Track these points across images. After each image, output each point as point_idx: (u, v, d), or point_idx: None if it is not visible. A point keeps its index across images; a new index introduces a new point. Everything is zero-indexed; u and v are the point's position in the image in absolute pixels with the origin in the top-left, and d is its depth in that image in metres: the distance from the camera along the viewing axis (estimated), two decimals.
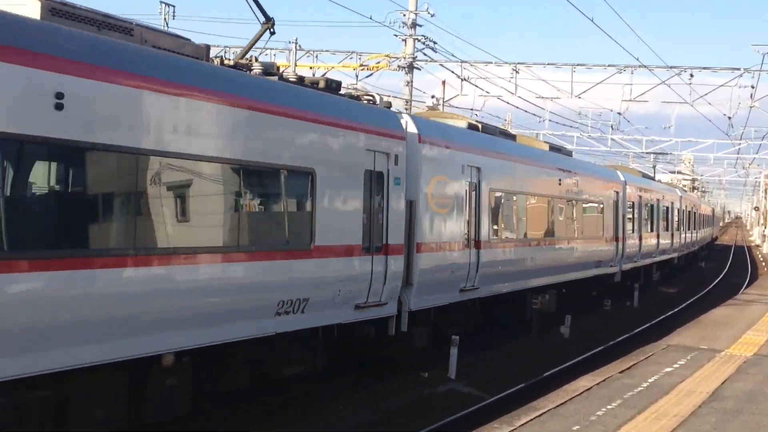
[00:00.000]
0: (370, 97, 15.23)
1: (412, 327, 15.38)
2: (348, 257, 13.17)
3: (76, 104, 8.66)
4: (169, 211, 10.00)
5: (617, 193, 28.99)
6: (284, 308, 11.78)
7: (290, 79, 13.20)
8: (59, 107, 8.50)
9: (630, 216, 30.95)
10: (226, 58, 12.60)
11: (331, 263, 12.77)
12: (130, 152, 9.32)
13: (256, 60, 12.91)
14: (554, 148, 25.13)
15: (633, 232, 31.38)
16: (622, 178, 30.58)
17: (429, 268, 15.67)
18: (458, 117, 19.76)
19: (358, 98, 14.89)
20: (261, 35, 13.69)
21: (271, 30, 13.72)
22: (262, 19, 13.51)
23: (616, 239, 28.75)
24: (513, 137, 21.83)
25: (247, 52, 13.46)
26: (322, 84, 13.78)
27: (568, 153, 26.94)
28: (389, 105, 15.80)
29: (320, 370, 13.42)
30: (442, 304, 16.45)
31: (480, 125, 19.54)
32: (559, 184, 22.80)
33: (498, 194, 18.73)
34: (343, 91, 14.70)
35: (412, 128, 15.32)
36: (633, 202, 31.45)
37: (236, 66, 12.25)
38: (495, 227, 18.68)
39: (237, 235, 10.94)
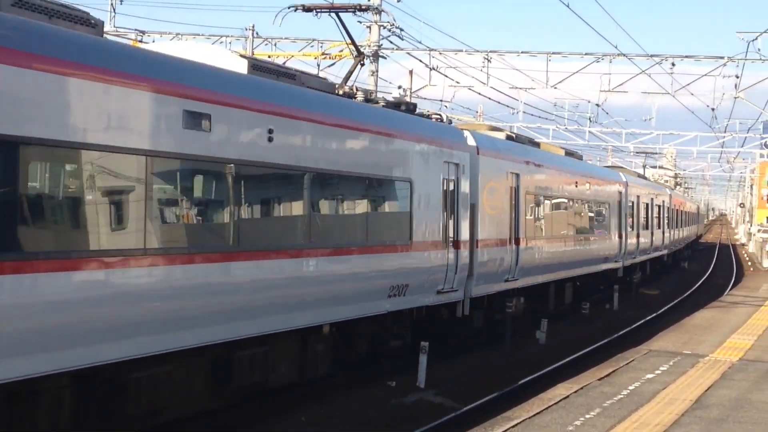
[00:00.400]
0: (438, 115, 19.91)
1: (473, 311, 20.06)
2: (433, 251, 17.82)
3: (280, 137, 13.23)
4: (333, 215, 14.72)
5: (620, 192, 34.29)
6: (394, 291, 16.43)
7: (381, 103, 17.79)
8: (270, 140, 13.04)
9: (629, 214, 36.14)
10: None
11: (423, 255, 17.47)
12: (319, 171, 14.05)
13: (358, 89, 17.43)
14: (569, 153, 30.20)
15: (632, 229, 36.65)
16: (624, 179, 35.96)
17: (484, 261, 20.46)
18: (497, 129, 24.57)
19: (429, 116, 19.55)
20: (354, 69, 18.40)
21: (362, 63, 18.41)
22: (355, 53, 18.28)
23: (619, 236, 33.96)
24: (537, 145, 26.70)
25: (347, 81, 18.01)
26: (403, 106, 18.41)
27: (579, 157, 32.15)
28: (450, 121, 20.48)
29: (409, 344, 18.01)
30: (493, 292, 21.19)
31: (514, 135, 24.40)
32: (576, 186, 27.75)
33: (531, 196, 23.55)
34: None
35: (471, 142, 20.04)
36: (632, 202, 36.84)
37: (345, 95, 16.82)
38: (530, 226, 23.45)
39: (366, 233, 15.57)
